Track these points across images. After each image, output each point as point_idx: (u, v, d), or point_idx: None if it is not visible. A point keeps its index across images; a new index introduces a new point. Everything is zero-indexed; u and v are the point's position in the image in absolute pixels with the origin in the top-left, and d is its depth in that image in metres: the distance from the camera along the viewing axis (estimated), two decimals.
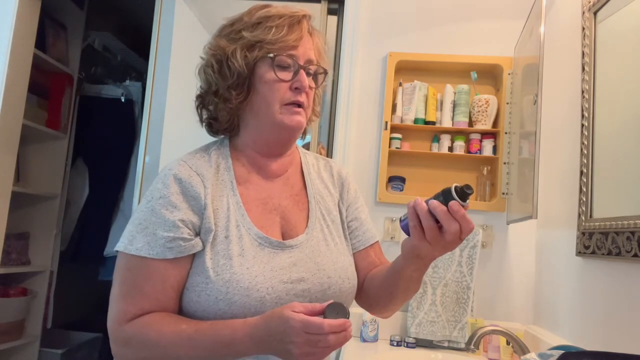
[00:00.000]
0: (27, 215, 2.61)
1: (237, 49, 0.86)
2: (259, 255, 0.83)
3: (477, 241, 1.75)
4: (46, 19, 2.52)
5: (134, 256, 0.79)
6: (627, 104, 1.15)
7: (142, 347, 0.77)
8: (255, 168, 0.92)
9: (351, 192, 1.02)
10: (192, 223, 0.82)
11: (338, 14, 2.05)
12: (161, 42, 2.06)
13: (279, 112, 0.86)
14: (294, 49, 0.87)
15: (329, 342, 0.69)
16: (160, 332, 0.76)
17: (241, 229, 0.84)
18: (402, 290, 0.88)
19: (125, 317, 0.78)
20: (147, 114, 2.05)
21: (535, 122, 1.43)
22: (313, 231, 0.91)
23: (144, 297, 0.79)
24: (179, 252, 0.80)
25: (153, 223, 0.80)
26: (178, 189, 0.83)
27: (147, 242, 0.79)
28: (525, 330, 1.68)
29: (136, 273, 0.80)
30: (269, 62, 0.86)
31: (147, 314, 0.79)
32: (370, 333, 1.75)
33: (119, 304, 0.80)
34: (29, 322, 2.56)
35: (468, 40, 1.94)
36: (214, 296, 0.78)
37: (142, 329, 0.77)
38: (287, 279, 0.82)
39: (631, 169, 1.11)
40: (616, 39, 1.24)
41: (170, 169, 0.85)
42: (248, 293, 0.78)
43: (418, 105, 1.89)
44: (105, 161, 2.91)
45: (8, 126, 2.08)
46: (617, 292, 1.16)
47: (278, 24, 0.86)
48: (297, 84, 0.86)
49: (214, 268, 0.79)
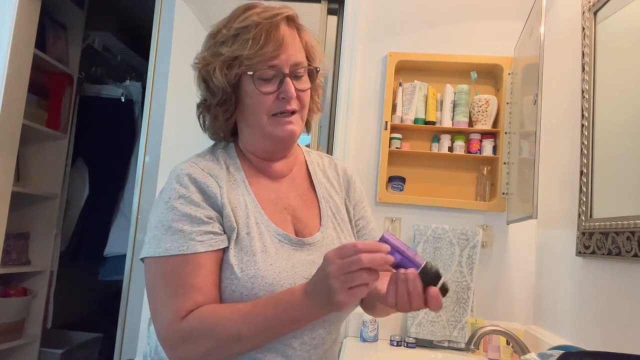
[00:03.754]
0: (27, 215, 2.61)
1: (216, 67, 0.85)
2: (279, 252, 0.83)
3: (477, 241, 1.75)
4: (46, 19, 2.52)
5: (167, 257, 0.78)
6: (627, 103, 1.15)
7: (202, 336, 0.74)
8: (260, 169, 0.93)
9: (357, 190, 1.02)
10: (218, 219, 0.82)
11: (338, 14, 2.05)
12: (161, 42, 2.06)
13: (268, 124, 0.85)
14: (275, 59, 0.83)
15: (362, 261, 0.66)
16: (218, 314, 0.75)
17: (260, 226, 0.84)
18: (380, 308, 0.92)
19: (179, 314, 0.76)
20: (147, 114, 2.05)
21: (535, 122, 1.43)
22: (327, 230, 0.91)
23: (192, 292, 0.77)
24: (210, 245, 0.79)
25: (177, 221, 0.79)
26: (196, 189, 0.82)
27: (175, 239, 0.78)
28: (525, 330, 1.68)
29: (176, 272, 0.78)
30: (250, 78, 0.84)
31: (201, 307, 0.77)
32: (370, 333, 1.75)
33: (167, 307, 0.77)
34: (29, 322, 2.56)
35: (468, 40, 1.94)
36: (239, 292, 0.79)
37: (200, 318, 0.75)
38: (308, 275, 0.81)
39: (631, 169, 1.11)
40: (616, 39, 1.24)
41: (183, 169, 0.84)
42: (273, 289, 0.79)
43: (418, 105, 1.89)
44: (105, 161, 2.91)
45: (8, 126, 2.08)
46: (617, 292, 1.16)
47: (254, 35, 0.82)
48: (282, 94, 0.84)
49: (238, 264, 0.80)
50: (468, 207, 1.86)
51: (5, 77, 2.00)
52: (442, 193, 1.90)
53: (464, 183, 1.92)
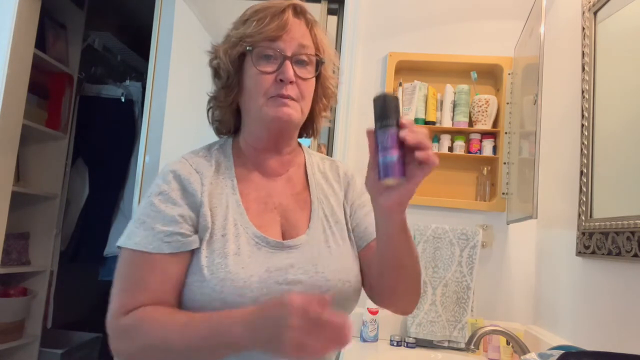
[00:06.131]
0: (27, 215, 2.61)
1: (222, 49, 0.87)
2: (255, 254, 0.81)
3: (477, 241, 1.75)
4: (46, 19, 2.52)
5: (133, 251, 0.79)
6: (627, 104, 1.15)
7: (136, 337, 0.75)
8: (255, 166, 0.92)
9: (357, 189, 0.99)
10: (191, 219, 0.82)
11: (338, 14, 2.05)
12: (161, 42, 2.06)
13: (264, 105, 0.85)
14: (277, 39, 0.84)
15: (326, 334, 0.61)
16: (154, 319, 0.75)
17: (239, 227, 0.83)
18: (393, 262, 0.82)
19: (123, 310, 0.78)
20: (147, 114, 2.05)
21: (535, 122, 1.43)
22: (314, 232, 0.89)
23: (141, 291, 0.78)
24: (177, 247, 0.79)
25: (152, 218, 0.80)
26: (177, 186, 0.83)
27: (145, 236, 0.79)
28: (525, 330, 1.68)
29: (134, 267, 0.79)
30: (251, 58, 0.85)
31: (144, 307, 0.78)
32: (370, 333, 1.75)
33: (116, 299, 0.79)
34: (29, 322, 2.56)
35: (468, 40, 1.94)
36: (209, 295, 0.77)
37: (138, 319, 0.76)
38: (282, 280, 0.80)
39: (631, 169, 1.11)
40: (616, 39, 1.24)
41: (171, 166, 0.86)
42: (242, 292, 0.77)
43: (418, 105, 1.89)
44: (105, 161, 2.91)
45: (8, 126, 2.08)
46: (617, 292, 1.16)
47: (261, 17, 0.84)
48: (280, 76, 0.83)
49: (209, 266, 0.79)
50: (468, 207, 1.86)
51: (5, 77, 2.00)
52: (442, 193, 1.90)
53: (464, 183, 1.92)
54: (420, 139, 0.67)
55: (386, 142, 0.69)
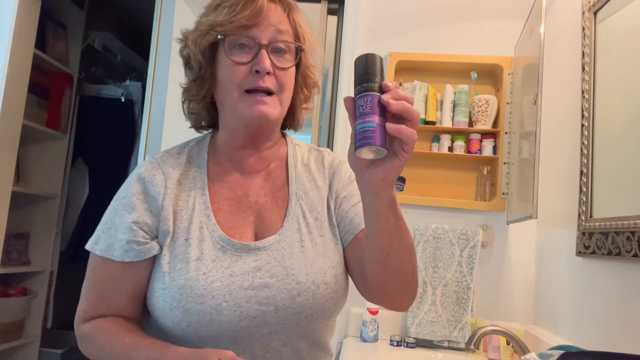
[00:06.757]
0: (27, 215, 2.61)
1: (191, 38, 0.81)
2: (219, 259, 0.76)
3: (477, 241, 1.75)
4: (46, 19, 2.52)
5: (97, 256, 0.79)
6: (627, 104, 1.15)
7: (91, 346, 0.79)
8: (232, 164, 0.86)
9: (343, 179, 0.89)
10: (147, 225, 0.78)
11: (338, 14, 2.06)
12: (161, 42, 2.06)
13: (239, 100, 0.78)
14: (251, 28, 0.77)
15: None
16: (106, 335, 0.76)
17: (204, 231, 0.78)
18: (382, 245, 0.72)
19: (84, 315, 0.80)
20: (147, 114, 2.05)
21: (535, 122, 1.43)
22: (287, 231, 0.81)
23: (100, 300, 0.79)
24: (135, 255, 0.76)
25: (115, 224, 0.79)
26: (140, 189, 0.80)
27: (110, 243, 0.78)
28: (525, 330, 1.68)
29: (97, 274, 0.80)
30: (223, 48, 0.78)
31: (102, 318, 0.79)
32: (370, 333, 1.75)
33: (81, 304, 0.81)
34: (29, 322, 2.56)
35: (468, 40, 1.94)
36: (169, 303, 0.74)
37: (94, 330, 0.78)
38: (248, 285, 0.75)
39: (631, 169, 1.11)
40: (616, 39, 1.24)
41: (140, 168, 0.83)
42: (202, 300, 0.72)
43: (418, 105, 1.89)
44: (105, 161, 2.91)
45: (8, 126, 2.08)
46: (617, 292, 1.16)
47: (233, 3, 0.77)
48: (256, 67, 0.76)
49: (170, 273, 0.75)
50: (468, 207, 1.86)
51: (5, 77, 2.00)
52: (442, 193, 1.90)
53: (464, 183, 1.91)
54: (404, 107, 0.59)
55: (365, 107, 0.59)
